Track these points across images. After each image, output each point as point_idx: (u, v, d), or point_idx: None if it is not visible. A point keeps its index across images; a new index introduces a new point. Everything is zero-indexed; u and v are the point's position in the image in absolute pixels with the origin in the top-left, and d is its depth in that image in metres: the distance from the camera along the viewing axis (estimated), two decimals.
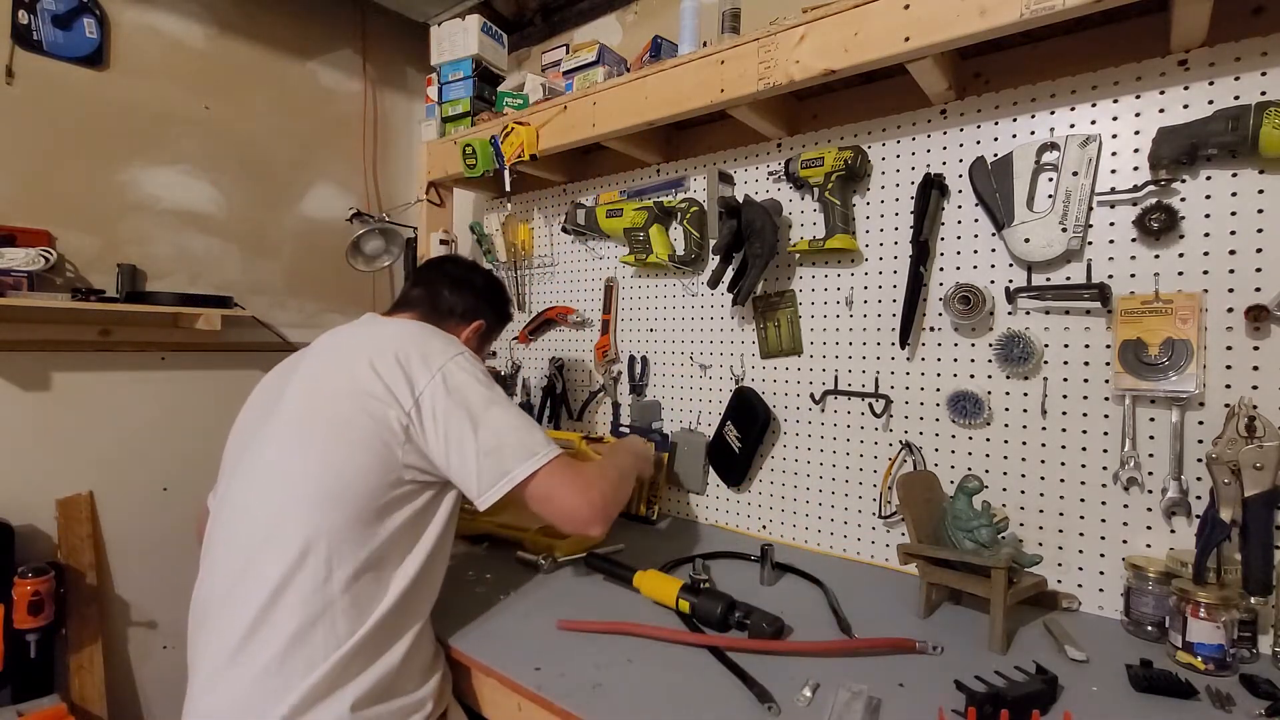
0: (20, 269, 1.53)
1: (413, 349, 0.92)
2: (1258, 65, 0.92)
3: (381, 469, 0.85)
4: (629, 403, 1.70)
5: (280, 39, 2.08)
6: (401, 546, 0.87)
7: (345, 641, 0.80)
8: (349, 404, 0.87)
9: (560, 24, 2.08)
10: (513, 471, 0.86)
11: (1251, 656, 0.88)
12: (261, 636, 0.79)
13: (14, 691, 1.51)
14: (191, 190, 1.91)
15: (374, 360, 0.89)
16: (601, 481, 0.94)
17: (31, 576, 1.50)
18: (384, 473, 0.85)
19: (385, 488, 0.85)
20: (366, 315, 1.10)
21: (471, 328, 1.18)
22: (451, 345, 0.95)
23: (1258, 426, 0.87)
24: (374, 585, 0.84)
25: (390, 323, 1.04)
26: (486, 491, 0.86)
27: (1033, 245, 1.08)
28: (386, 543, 0.85)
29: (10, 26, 1.60)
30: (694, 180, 1.58)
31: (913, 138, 1.23)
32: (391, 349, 0.91)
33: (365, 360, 0.89)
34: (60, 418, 1.67)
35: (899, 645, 0.89)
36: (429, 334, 0.97)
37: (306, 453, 0.87)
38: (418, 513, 0.89)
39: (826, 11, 1.07)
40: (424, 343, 0.94)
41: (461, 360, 0.92)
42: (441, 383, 0.88)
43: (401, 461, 0.86)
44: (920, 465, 1.22)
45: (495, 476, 0.86)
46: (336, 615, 0.80)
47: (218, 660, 0.80)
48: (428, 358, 0.91)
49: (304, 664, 0.78)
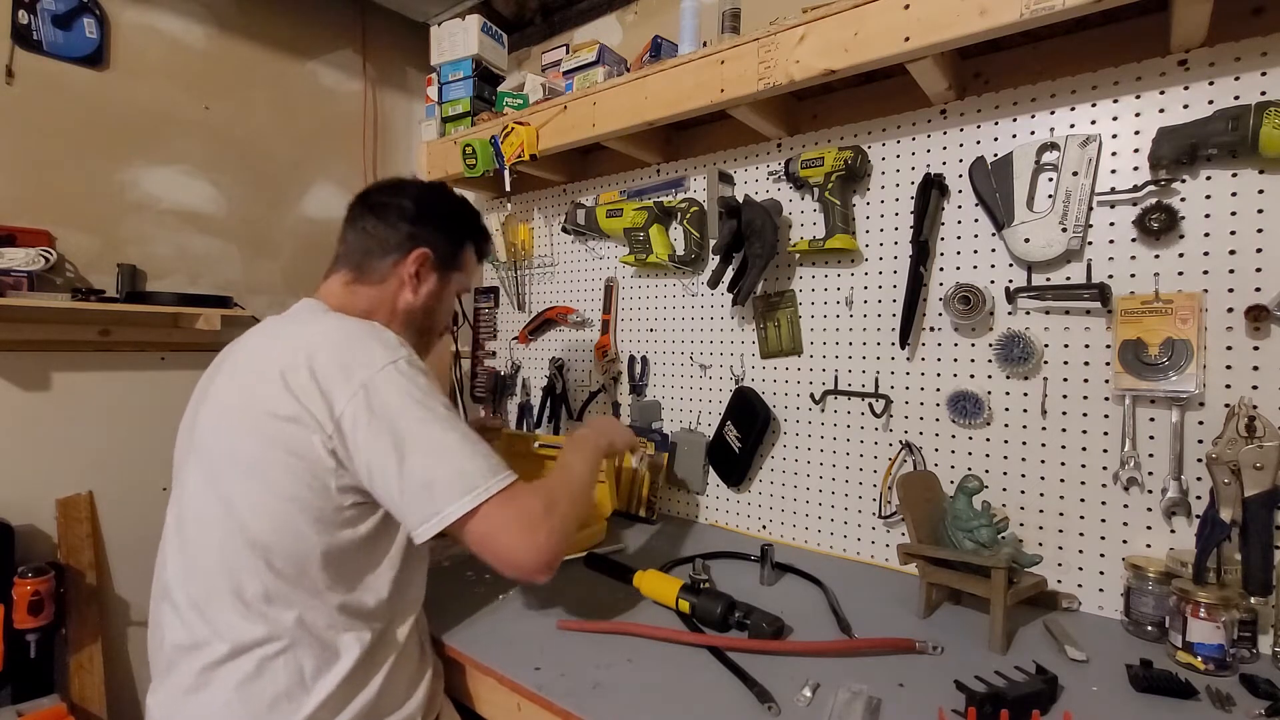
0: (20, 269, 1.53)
1: (330, 358, 0.78)
2: (1258, 65, 0.92)
3: (316, 508, 0.76)
4: (629, 403, 1.70)
5: (280, 39, 2.08)
6: (360, 571, 0.81)
7: (315, 683, 0.75)
8: (261, 442, 0.76)
9: (560, 24, 2.08)
10: (444, 510, 0.74)
11: (1251, 656, 0.88)
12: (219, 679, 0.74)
13: (14, 691, 1.50)
14: (191, 190, 1.91)
15: (286, 374, 0.77)
16: (551, 517, 0.79)
17: (31, 576, 1.50)
18: (320, 511, 0.76)
19: (328, 526, 0.77)
20: (301, 303, 0.95)
21: (411, 261, 0.95)
22: (380, 351, 0.79)
23: (1258, 426, 0.87)
24: (337, 623, 0.78)
25: (312, 319, 0.88)
26: (417, 529, 0.75)
27: (1033, 245, 1.08)
28: (342, 575, 0.79)
29: (10, 26, 1.60)
30: (694, 180, 1.58)
31: (913, 138, 1.23)
32: (305, 359, 0.77)
33: (276, 374, 0.77)
34: (60, 418, 1.67)
35: (899, 645, 0.89)
36: (354, 336, 0.82)
37: (229, 505, 0.78)
38: (374, 533, 0.81)
39: (826, 11, 1.07)
40: (345, 349, 0.79)
41: (391, 372, 0.77)
42: (364, 401, 0.75)
43: (336, 487, 0.77)
44: (920, 465, 1.22)
45: (425, 515, 0.75)
46: (301, 660, 0.75)
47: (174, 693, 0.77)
48: (349, 369, 0.77)
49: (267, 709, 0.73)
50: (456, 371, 2.08)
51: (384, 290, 0.96)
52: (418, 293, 0.97)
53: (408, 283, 0.96)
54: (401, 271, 0.96)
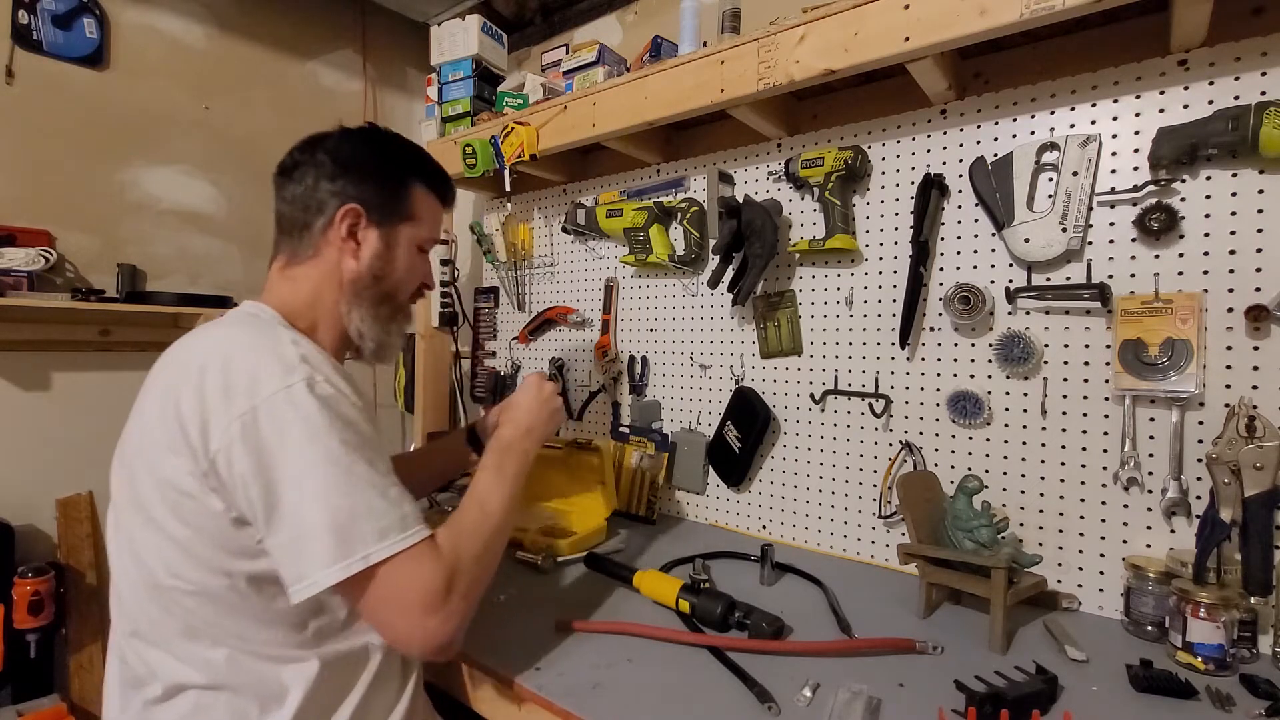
0: (20, 269, 1.53)
1: (216, 382, 0.67)
2: (1258, 65, 0.92)
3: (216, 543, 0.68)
4: (629, 403, 1.70)
5: (280, 39, 2.08)
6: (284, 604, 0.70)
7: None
8: (150, 479, 0.69)
9: (560, 24, 2.08)
10: (311, 576, 0.64)
11: (1251, 656, 0.88)
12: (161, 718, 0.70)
13: (14, 691, 1.51)
14: (191, 190, 1.91)
15: (180, 398, 0.68)
16: (451, 596, 0.68)
17: (31, 576, 1.50)
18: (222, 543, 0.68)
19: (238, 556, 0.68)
20: (242, 304, 0.85)
21: (339, 222, 0.82)
22: (270, 374, 0.67)
23: (1258, 426, 0.87)
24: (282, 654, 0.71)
25: (212, 330, 0.77)
26: (289, 589, 0.65)
27: (1033, 245, 1.08)
28: (273, 603, 0.70)
29: (10, 26, 1.60)
30: (694, 180, 1.58)
31: (913, 138, 1.23)
32: (195, 376, 0.68)
33: (172, 399, 0.69)
34: (60, 418, 1.67)
35: (899, 645, 0.89)
36: (244, 354, 0.70)
37: (131, 542, 0.72)
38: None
39: (826, 11, 1.07)
40: (231, 370, 0.68)
41: (279, 401, 0.65)
42: (239, 435, 0.65)
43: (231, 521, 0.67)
44: (920, 465, 1.22)
45: (293, 575, 0.65)
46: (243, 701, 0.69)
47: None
48: (231, 396, 0.66)
49: None
50: (456, 371, 2.08)
51: (323, 264, 0.84)
52: (359, 257, 0.85)
53: (344, 248, 0.84)
54: (333, 236, 0.83)
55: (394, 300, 0.90)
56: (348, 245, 0.84)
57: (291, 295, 0.84)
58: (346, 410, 0.70)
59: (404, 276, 0.90)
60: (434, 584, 0.67)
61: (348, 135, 0.88)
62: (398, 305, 0.91)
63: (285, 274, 0.86)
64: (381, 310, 0.88)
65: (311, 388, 0.68)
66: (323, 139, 0.87)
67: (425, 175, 0.91)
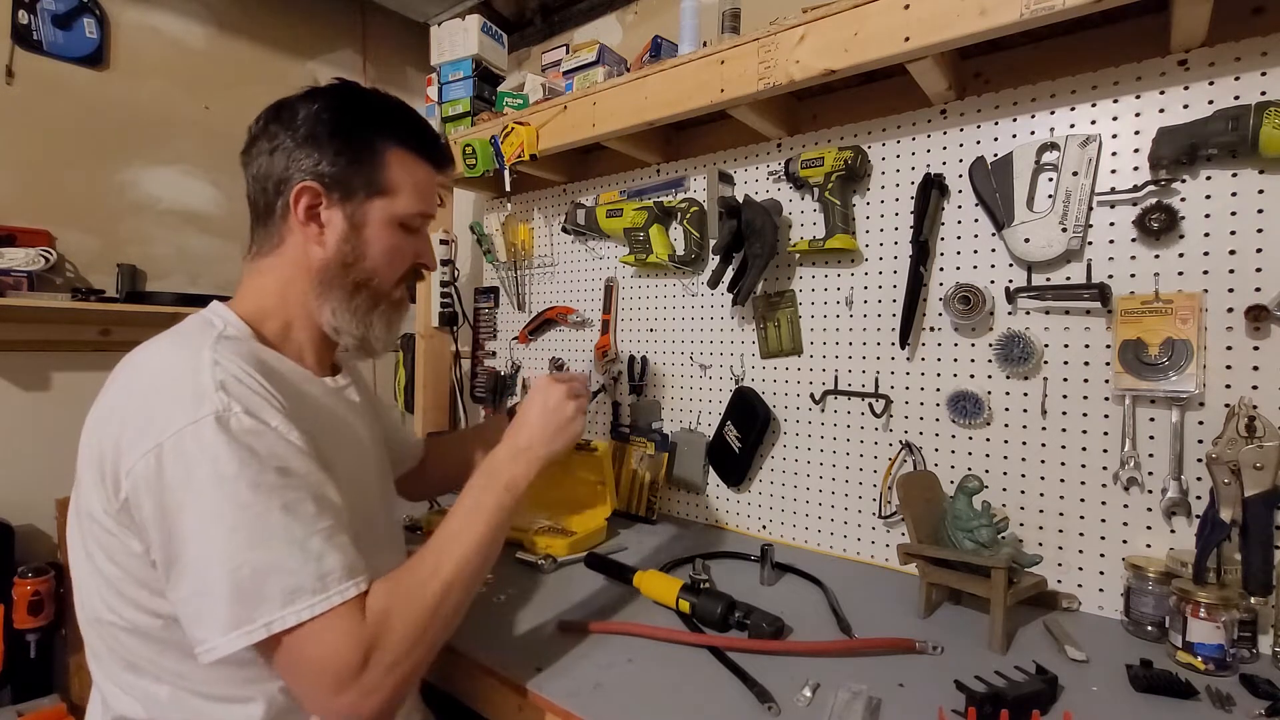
0: (20, 269, 1.53)
1: (134, 410, 0.61)
2: (1258, 65, 0.92)
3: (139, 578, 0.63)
4: (629, 403, 1.70)
5: (280, 39, 2.09)
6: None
7: None
8: (85, 515, 0.64)
9: (560, 24, 2.08)
10: (209, 640, 0.57)
11: (1251, 656, 0.88)
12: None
13: (14, 691, 1.51)
14: (191, 190, 1.91)
15: (102, 429, 0.63)
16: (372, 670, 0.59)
17: (31, 576, 1.50)
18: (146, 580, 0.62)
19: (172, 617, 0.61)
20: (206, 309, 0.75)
21: (297, 203, 0.72)
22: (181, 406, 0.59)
23: (1258, 426, 0.86)
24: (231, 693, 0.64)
25: (141, 348, 0.70)
26: (195, 649, 0.58)
27: (1033, 245, 1.08)
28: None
29: (10, 26, 1.61)
30: (694, 180, 1.58)
31: (913, 138, 1.23)
32: (114, 405, 0.63)
33: (97, 429, 0.64)
34: (60, 418, 1.67)
35: (899, 645, 0.89)
36: (160, 380, 0.63)
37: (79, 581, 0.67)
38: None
39: (826, 11, 1.07)
40: (147, 399, 0.62)
41: (185, 438, 0.57)
42: (143, 475, 0.58)
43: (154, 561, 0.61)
44: (920, 465, 1.22)
45: (195, 636, 0.58)
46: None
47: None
48: (139, 427, 0.59)
49: None
50: (456, 372, 2.08)
51: (288, 253, 0.75)
52: (324, 242, 0.74)
53: (306, 233, 0.73)
54: (294, 221, 0.73)
55: (370, 288, 0.78)
56: (309, 230, 0.73)
57: (260, 293, 0.76)
58: (269, 446, 0.60)
59: (380, 261, 0.77)
60: (347, 657, 0.58)
61: (309, 96, 0.75)
62: (378, 293, 0.79)
63: (253, 267, 0.77)
64: (357, 301, 0.77)
65: (223, 422, 0.59)
66: (283, 104, 0.76)
67: (402, 134, 0.77)
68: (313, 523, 0.61)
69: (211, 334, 0.68)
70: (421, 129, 0.80)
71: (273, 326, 0.76)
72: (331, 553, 0.61)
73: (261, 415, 0.62)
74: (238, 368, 0.64)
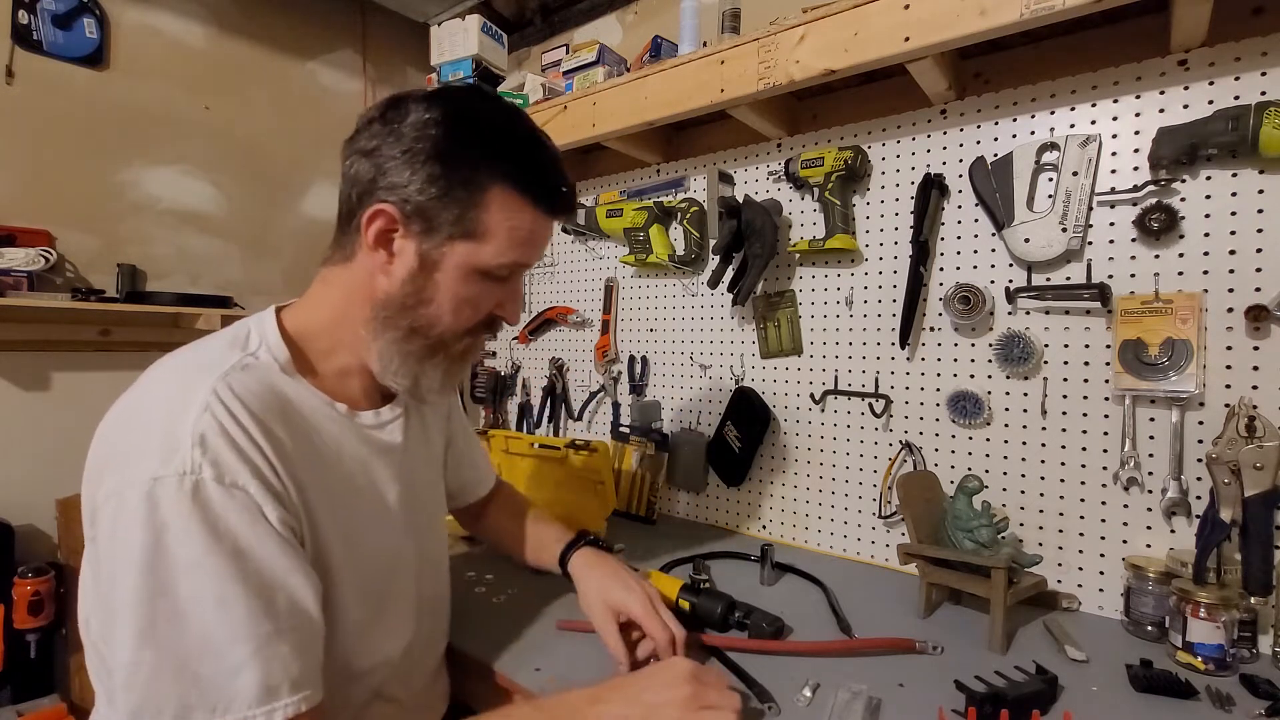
0: (20, 269, 1.53)
1: (110, 440, 0.57)
2: (1258, 65, 0.92)
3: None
4: (629, 403, 1.70)
5: (280, 39, 2.08)
6: None
7: None
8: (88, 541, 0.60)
9: (560, 24, 2.08)
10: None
11: (1251, 656, 0.88)
12: None
13: (14, 691, 1.51)
14: (191, 190, 1.91)
15: (99, 436, 0.59)
16: None
17: (31, 576, 1.50)
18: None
19: None
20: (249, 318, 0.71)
21: (370, 225, 0.64)
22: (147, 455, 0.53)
23: (1258, 426, 0.86)
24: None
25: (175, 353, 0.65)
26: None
27: (1033, 245, 1.08)
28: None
29: (10, 26, 1.60)
30: (694, 180, 1.58)
31: (913, 138, 1.23)
32: (115, 416, 0.59)
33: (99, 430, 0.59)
34: (60, 418, 1.67)
35: (899, 645, 0.89)
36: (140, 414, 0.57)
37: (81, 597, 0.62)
38: None
39: (826, 11, 1.07)
40: (124, 430, 0.57)
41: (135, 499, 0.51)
42: (102, 521, 0.54)
43: None
44: (920, 465, 1.22)
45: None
46: None
47: None
48: (108, 465, 0.55)
49: None
50: None
51: (355, 272, 0.67)
52: (391, 274, 0.65)
53: (375, 258, 0.65)
54: (364, 241, 0.65)
55: (428, 337, 0.68)
56: (377, 255, 0.65)
57: (319, 304, 0.70)
58: (229, 521, 0.53)
59: (446, 310, 0.67)
60: None
61: (430, 99, 0.64)
62: (437, 343, 0.69)
63: (324, 274, 0.70)
64: (410, 347, 0.68)
65: (184, 485, 0.51)
66: (400, 101, 0.66)
67: (515, 171, 0.65)
68: (245, 625, 0.52)
69: (230, 360, 0.61)
70: (541, 167, 0.67)
71: (318, 346, 0.69)
72: (251, 668, 0.52)
73: (236, 481, 0.54)
74: (230, 416, 0.56)
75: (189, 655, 0.51)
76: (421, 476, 0.83)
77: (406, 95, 0.66)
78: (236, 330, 0.68)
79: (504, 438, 1.55)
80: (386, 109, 0.66)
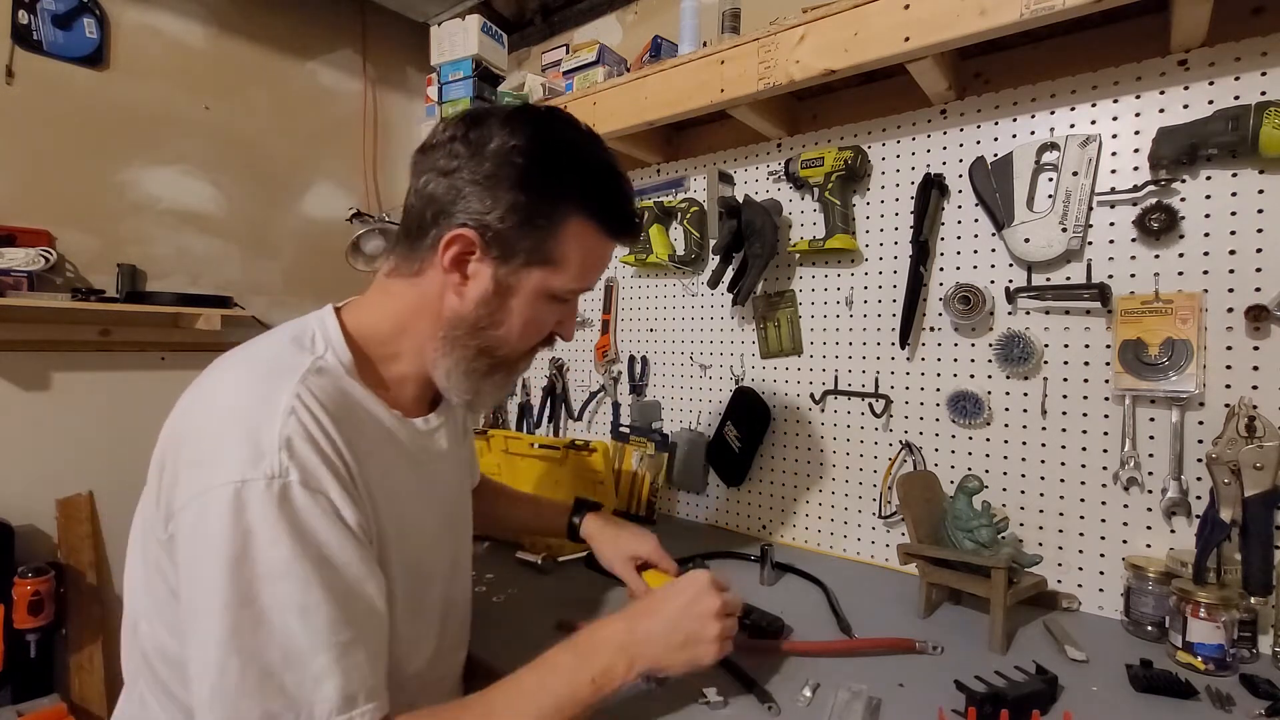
0: (20, 269, 1.53)
1: (189, 440, 0.58)
2: (1258, 65, 0.92)
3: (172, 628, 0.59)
4: (629, 403, 1.70)
5: (280, 39, 2.08)
6: None
7: None
8: (140, 521, 0.62)
9: (560, 24, 2.08)
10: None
11: (1251, 656, 0.88)
12: None
13: (14, 691, 1.51)
14: (191, 190, 1.91)
15: (165, 447, 0.59)
16: None
17: (31, 576, 1.50)
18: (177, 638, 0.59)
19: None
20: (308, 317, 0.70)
21: (448, 248, 0.64)
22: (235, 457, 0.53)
23: (1258, 426, 0.86)
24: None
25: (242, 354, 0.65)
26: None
27: (1033, 245, 1.08)
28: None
29: (10, 26, 1.60)
30: (694, 180, 1.58)
31: (913, 138, 1.23)
32: (181, 427, 0.59)
33: (162, 443, 0.60)
34: (60, 418, 1.67)
35: (899, 645, 0.89)
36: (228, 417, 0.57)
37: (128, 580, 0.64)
38: None
39: (826, 11, 1.07)
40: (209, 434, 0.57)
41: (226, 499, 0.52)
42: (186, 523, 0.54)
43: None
44: (920, 465, 1.22)
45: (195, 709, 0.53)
46: None
47: None
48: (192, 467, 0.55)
49: None
50: None
51: (423, 287, 0.68)
52: (463, 295, 0.66)
53: (447, 280, 0.66)
54: (439, 259, 0.65)
55: (495, 356, 0.70)
56: (451, 277, 0.65)
57: (380, 314, 0.70)
58: (314, 527, 0.54)
59: (516, 332, 0.69)
60: None
61: (510, 122, 0.65)
62: (501, 361, 0.71)
63: (385, 284, 0.71)
64: (477, 364, 0.70)
65: (273, 489, 0.52)
66: (480, 120, 0.65)
67: (593, 203, 0.67)
68: (326, 634, 0.53)
69: (304, 363, 0.61)
70: (616, 198, 0.69)
71: (380, 353, 0.69)
72: (333, 676, 0.53)
73: (320, 485, 0.55)
74: (314, 419, 0.57)
75: (273, 664, 0.51)
76: (458, 482, 0.85)
77: (488, 114, 0.67)
78: (297, 330, 0.67)
79: (504, 438, 1.55)
80: (468, 128, 0.65)
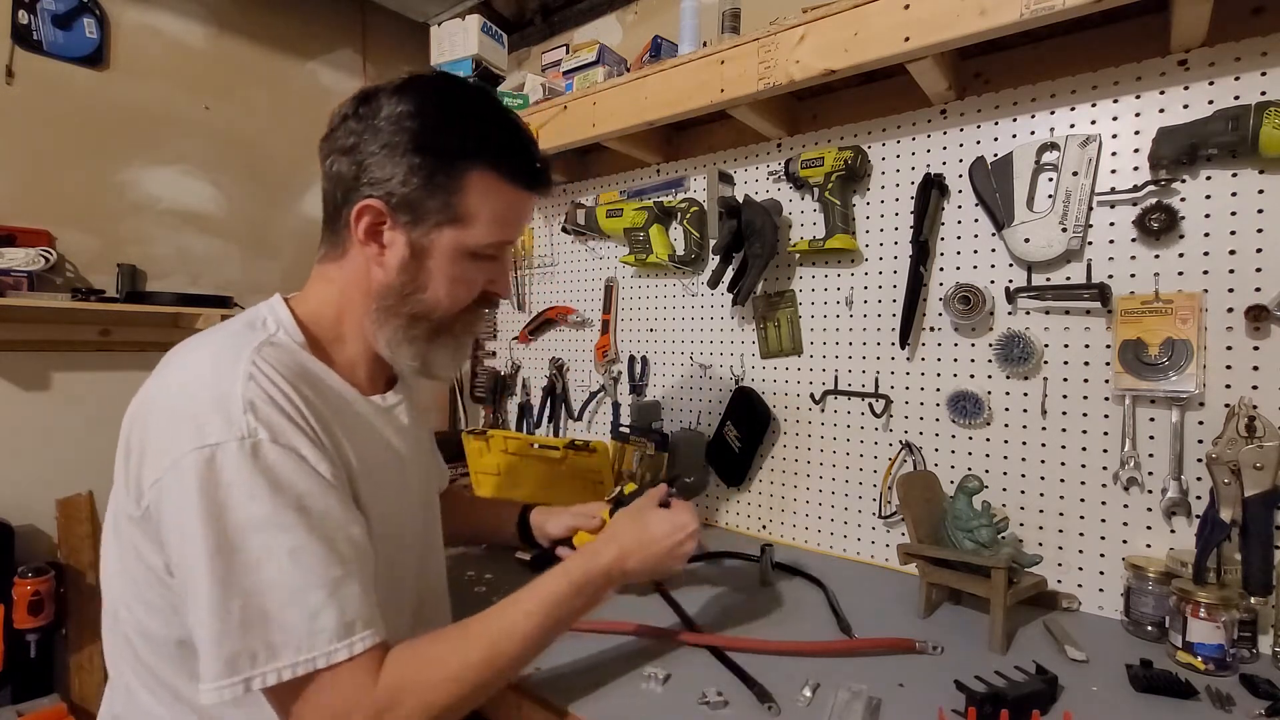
0: (20, 269, 1.53)
1: (158, 416, 0.59)
2: (1258, 65, 0.92)
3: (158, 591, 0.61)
4: (629, 403, 1.70)
5: (280, 39, 2.08)
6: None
7: None
8: (113, 509, 0.64)
9: (560, 24, 2.08)
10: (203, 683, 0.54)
11: (1251, 656, 0.88)
12: None
13: (14, 691, 1.51)
14: (191, 190, 1.91)
15: (131, 428, 0.61)
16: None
17: (31, 576, 1.50)
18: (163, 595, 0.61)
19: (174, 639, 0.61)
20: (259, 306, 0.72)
21: (359, 221, 0.66)
22: (203, 425, 0.55)
23: (1258, 426, 0.86)
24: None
25: (199, 339, 0.66)
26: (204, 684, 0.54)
27: (1033, 245, 1.08)
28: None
29: (10, 26, 1.60)
30: (694, 180, 1.58)
31: (913, 138, 1.23)
32: (146, 406, 0.61)
33: (127, 421, 0.62)
34: (60, 418, 1.67)
35: (899, 645, 0.89)
36: (188, 394, 0.59)
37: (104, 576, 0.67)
38: None
39: (826, 11, 1.07)
40: (173, 410, 0.58)
41: (201, 461, 0.54)
42: (163, 490, 0.56)
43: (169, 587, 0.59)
44: (920, 465, 1.22)
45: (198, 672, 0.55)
46: None
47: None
48: (163, 439, 0.57)
49: None
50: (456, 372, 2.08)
51: (351, 266, 0.71)
52: (385, 264, 0.68)
53: (367, 252, 0.68)
54: (354, 237, 0.68)
55: (430, 320, 0.72)
56: (369, 249, 0.68)
57: (320, 300, 0.73)
58: (290, 478, 0.57)
59: (442, 293, 0.71)
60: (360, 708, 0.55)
61: (399, 92, 0.66)
62: (439, 326, 0.73)
63: (319, 271, 0.74)
64: (415, 332, 0.72)
65: (244, 448, 0.55)
66: (370, 96, 0.67)
67: (493, 154, 0.68)
68: (318, 571, 0.56)
69: (257, 338, 0.64)
70: (517, 147, 0.71)
71: (328, 337, 0.72)
72: (329, 609, 0.55)
73: (290, 441, 0.58)
74: (272, 384, 0.59)
75: (270, 605, 0.54)
76: (425, 459, 0.87)
77: (377, 89, 0.68)
78: (249, 316, 0.70)
79: (504, 438, 1.55)
80: (359, 104, 0.67)
